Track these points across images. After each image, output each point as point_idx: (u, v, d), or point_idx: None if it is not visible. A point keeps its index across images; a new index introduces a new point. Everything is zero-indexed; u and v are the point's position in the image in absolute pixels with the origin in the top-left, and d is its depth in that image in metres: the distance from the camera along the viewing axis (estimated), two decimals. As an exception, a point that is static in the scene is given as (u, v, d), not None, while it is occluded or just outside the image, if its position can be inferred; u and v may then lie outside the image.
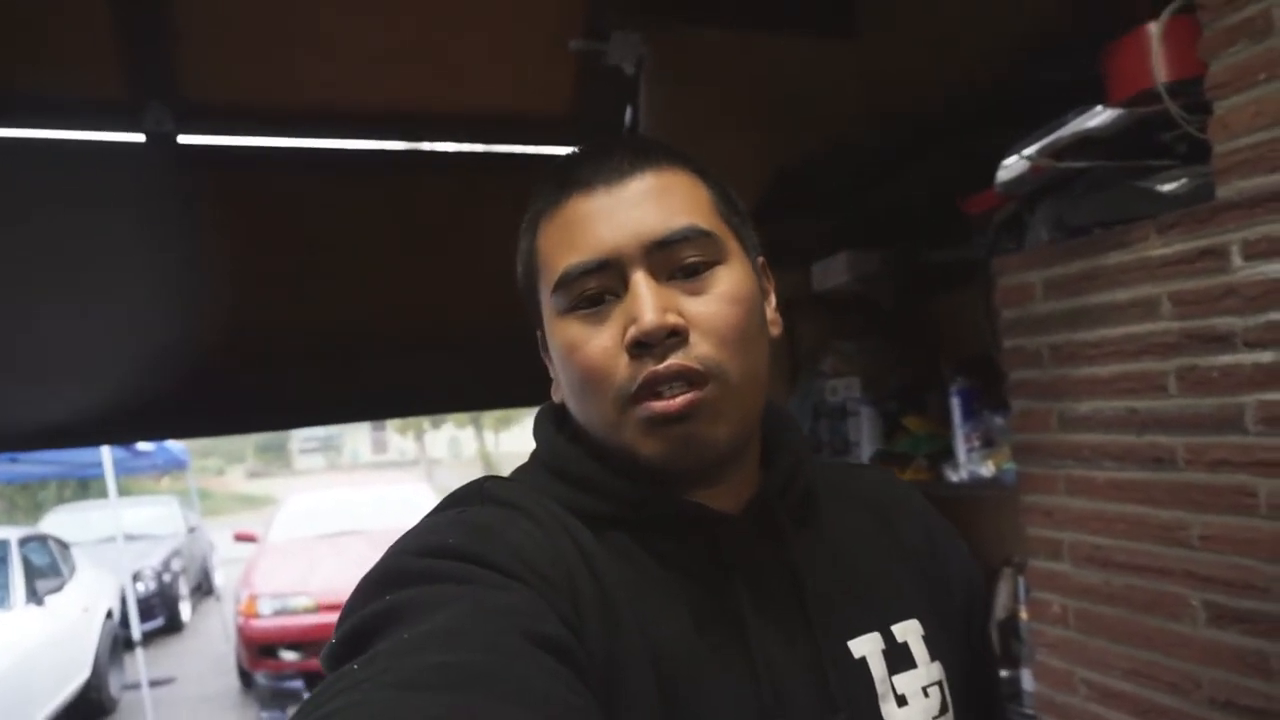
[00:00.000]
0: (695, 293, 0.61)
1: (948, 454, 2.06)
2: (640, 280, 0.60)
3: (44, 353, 1.88)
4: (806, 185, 2.34)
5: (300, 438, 24.96)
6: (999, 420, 1.91)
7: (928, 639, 0.67)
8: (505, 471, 0.70)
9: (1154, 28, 1.34)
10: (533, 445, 0.70)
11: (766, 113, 2.46)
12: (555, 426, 0.68)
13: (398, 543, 0.57)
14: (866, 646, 0.64)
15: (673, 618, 0.59)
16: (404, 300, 2.21)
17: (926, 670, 0.66)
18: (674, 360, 0.59)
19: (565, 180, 0.64)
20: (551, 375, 0.69)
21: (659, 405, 0.59)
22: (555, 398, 0.69)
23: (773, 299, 0.70)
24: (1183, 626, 1.26)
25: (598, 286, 0.61)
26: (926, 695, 0.65)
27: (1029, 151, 1.42)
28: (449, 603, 0.49)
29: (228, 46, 1.93)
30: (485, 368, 2.29)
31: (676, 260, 0.61)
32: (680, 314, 0.60)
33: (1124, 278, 1.34)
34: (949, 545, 0.75)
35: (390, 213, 2.17)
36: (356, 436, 25.19)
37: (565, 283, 0.62)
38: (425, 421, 21.76)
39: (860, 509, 0.73)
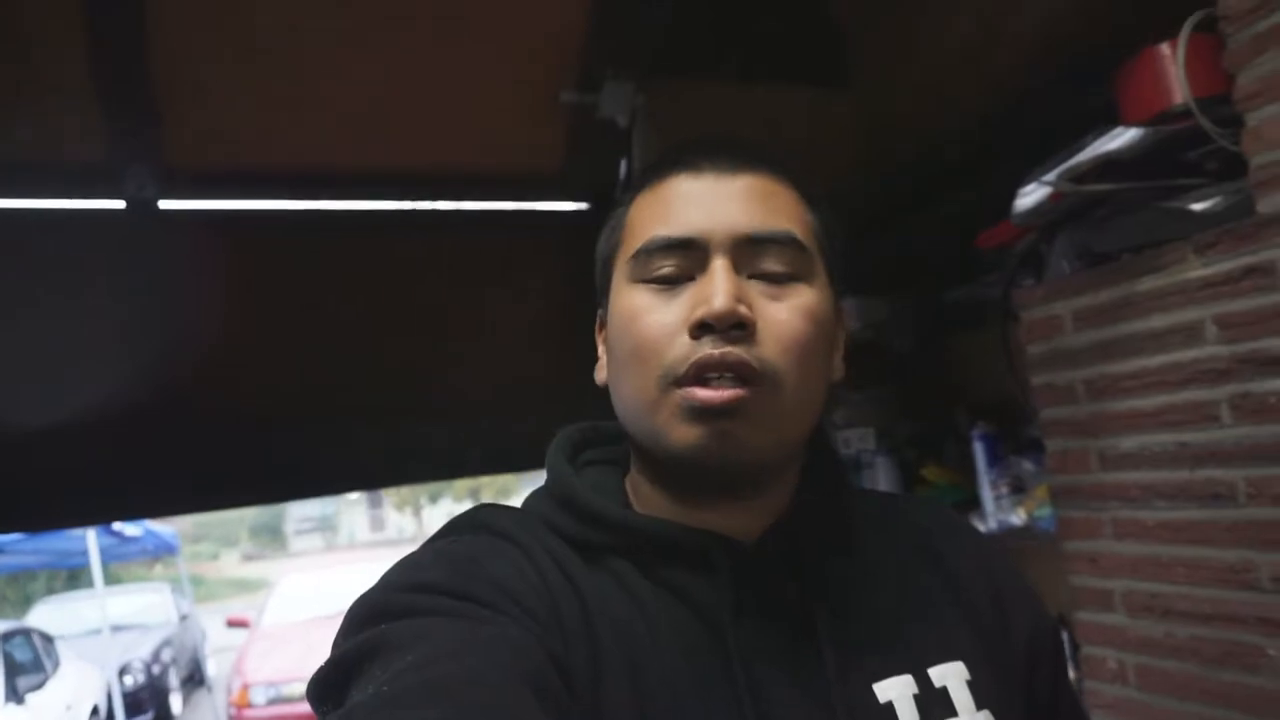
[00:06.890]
0: (773, 298, 0.59)
1: (973, 504, 1.96)
2: (720, 266, 0.58)
3: (12, 428, 1.77)
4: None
5: (295, 518, 24.41)
6: (1028, 465, 1.81)
7: (974, 685, 0.61)
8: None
9: (1168, 48, 1.30)
10: None
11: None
12: (567, 456, 0.67)
13: (384, 577, 0.57)
14: (894, 690, 0.59)
15: (663, 652, 0.56)
16: (393, 363, 2.13)
17: (970, 719, 0.60)
18: (732, 349, 0.56)
19: (677, 160, 0.63)
20: (599, 355, 0.67)
21: (703, 393, 0.56)
22: (599, 378, 0.67)
23: (841, 346, 0.67)
24: (1261, 679, 1.14)
25: (676, 263, 0.60)
26: None
27: (1048, 178, 1.36)
28: (431, 636, 0.50)
29: (208, 110, 1.87)
30: (480, 432, 2.21)
31: (762, 262, 0.60)
32: (752, 310, 0.58)
33: (1161, 303, 1.26)
34: (1012, 587, 0.69)
35: (376, 273, 2.10)
36: (353, 515, 24.76)
37: (647, 251, 0.60)
38: (423, 496, 21.36)
39: (904, 542, 0.68)
